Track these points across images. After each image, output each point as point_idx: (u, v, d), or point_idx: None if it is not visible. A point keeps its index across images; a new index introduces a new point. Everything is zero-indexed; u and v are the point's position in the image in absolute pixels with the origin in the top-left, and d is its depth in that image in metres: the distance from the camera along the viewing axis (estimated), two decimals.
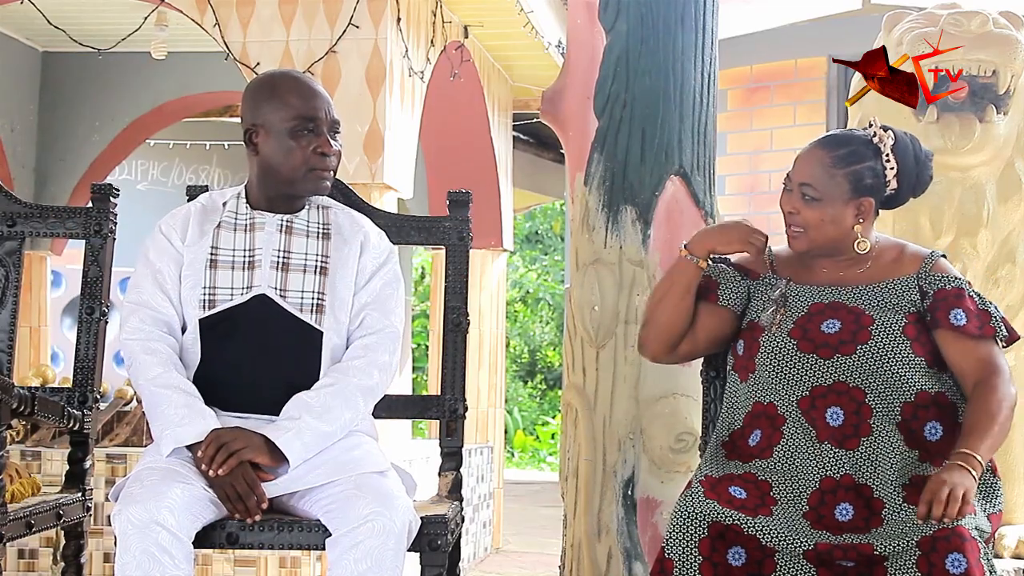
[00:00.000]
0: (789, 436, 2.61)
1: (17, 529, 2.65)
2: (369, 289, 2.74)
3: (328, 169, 2.72)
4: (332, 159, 2.72)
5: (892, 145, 2.70)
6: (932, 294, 2.67)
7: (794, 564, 2.45)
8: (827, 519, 2.50)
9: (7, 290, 3.13)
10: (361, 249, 2.76)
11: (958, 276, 2.71)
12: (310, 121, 2.69)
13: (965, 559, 2.34)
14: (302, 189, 2.72)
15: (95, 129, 7.69)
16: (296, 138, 2.68)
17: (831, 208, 2.69)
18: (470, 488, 6.50)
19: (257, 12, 5.54)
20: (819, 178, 2.69)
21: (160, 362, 2.63)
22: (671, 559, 2.47)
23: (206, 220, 2.74)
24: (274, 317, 2.65)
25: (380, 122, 5.37)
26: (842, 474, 2.55)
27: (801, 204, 2.71)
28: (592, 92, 3.41)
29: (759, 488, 2.56)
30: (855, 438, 2.57)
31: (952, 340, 2.64)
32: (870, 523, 2.48)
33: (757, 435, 2.66)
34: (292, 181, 2.71)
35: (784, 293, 2.73)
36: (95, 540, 4.71)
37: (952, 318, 2.64)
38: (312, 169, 2.69)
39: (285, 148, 2.68)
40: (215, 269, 2.68)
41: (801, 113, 6.47)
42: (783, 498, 2.54)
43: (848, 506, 2.51)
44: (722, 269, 2.83)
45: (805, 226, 2.71)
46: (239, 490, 2.49)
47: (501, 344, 7.65)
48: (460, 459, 3.03)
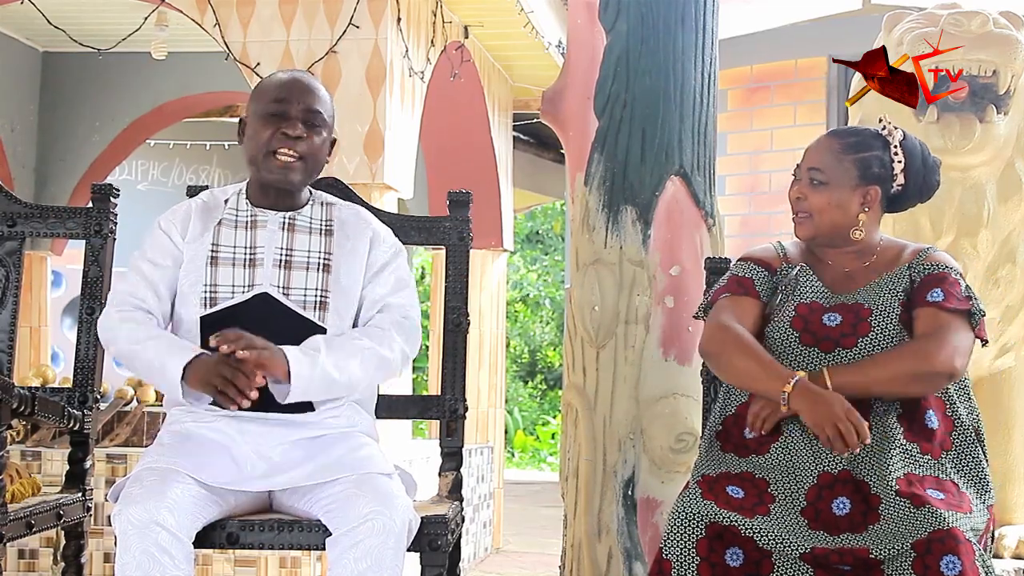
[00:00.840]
0: (787, 431, 2.61)
1: (17, 529, 2.65)
2: (382, 281, 2.73)
3: (288, 152, 2.66)
4: (296, 144, 2.66)
5: (901, 140, 2.73)
6: (920, 280, 2.68)
7: (791, 565, 2.45)
8: (824, 514, 2.51)
9: (7, 290, 3.13)
10: (371, 245, 2.75)
11: (950, 265, 2.71)
12: (279, 103, 2.67)
13: (960, 561, 2.35)
14: (266, 173, 2.68)
15: (95, 129, 7.69)
16: (264, 121, 2.67)
17: (837, 193, 2.70)
18: (470, 488, 6.50)
19: (257, 12, 5.54)
20: (827, 163, 2.71)
21: (137, 325, 2.63)
22: (669, 560, 2.47)
23: (208, 217, 2.73)
24: (276, 315, 2.65)
25: (380, 122, 5.36)
26: (840, 469, 2.55)
27: (809, 189, 2.73)
28: (592, 92, 3.41)
29: (756, 486, 2.56)
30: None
31: (924, 314, 2.64)
32: (867, 519, 2.48)
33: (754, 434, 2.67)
34: (256, 164, 2.69)
35: (798, 276, 2.74)
36: (95, 540, 4.71)
37: (930, 295, 2.65)
38: (273, 152, 2.66)
39: (253, 131, 2.69)
40: (216, 266, 2.67)
41: (801, 113, 6.47)
42: (781, 495, 2.55)
43: (845, 500, 2.52)
44: (750, 266, 2.81)
45: (811, 211, 2.73)
46: (228, 375, 2.48)
47: (501, 344, 7.65)
48: (460, 459, 3.03)
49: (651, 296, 3.35)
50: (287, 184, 2.69)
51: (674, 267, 3.36)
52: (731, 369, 2.66)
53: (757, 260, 2.82)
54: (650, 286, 3.35)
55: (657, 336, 3.34)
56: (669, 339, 3.34)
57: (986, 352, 4.03)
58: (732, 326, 2.69)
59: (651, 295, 3.35)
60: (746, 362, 2.63)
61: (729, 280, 2.80)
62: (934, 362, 2.56)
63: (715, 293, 2.80)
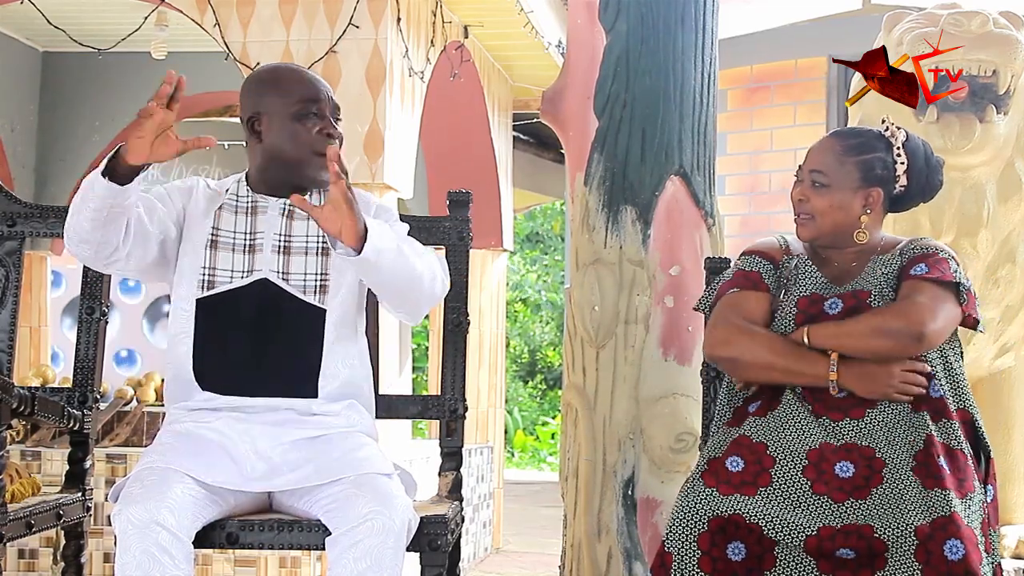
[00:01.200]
0: (785, 400, 2.64)
1: (17, 529, 2.66)
2: (395, 230, 2.68)
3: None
4: (337, 141, 2.70)
5: (904, 141, 2.73)
6: (908, 260, 2.70)
7: (794, 557, 2.46)
8: (827, 475, 2.52)
9: (7, 290, 3.13)
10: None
11: (940, 247, 2.71)
12: (313, 103, 2.69)
13: (963, 545, 2.36)
14: (310, 173, 2.69)
15: (95, 129, 7.69)
16: (301, 121, 2.68)
17: (840, 195, 2.71)
18: (470, 488, 6.50)
19: (257, 12, 5.54)
20: (830, 165, 2.72)
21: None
22: (670, 553, 2.48)
23: (211, 199, 2.74)
24: (276, 300, 2.65)
25: (380, 122, 5.36)
26: (842, 442, 2.57)
27: (811, 191, 2.73)
28: (592, 92, 3.41)
29: (754, 452, 2.56)
30: (860, 408, 2.61)
31: (906, 285, 2.65)
32: (871, 482, 2.50)
33: (757, 405, 2.70)
34: (299, 164, 2.69)
35: (797, 267, 2.74)
36: (95, 540, 4.71)
37: (914, 269, 2.66)
38: (319, 152, 2.67)
39: (290, 132, 2.68)
40: (215, 250, 2.68)
41: (801, 113, 6.47)
42: (781, 456, 2.55)
43: (849, 464, 2.53)
44: (756, 260, 2.80)
45: (813, 212, 2.73)
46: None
47: (501, 344, 7.64)
48: (460, 459, 3.03)
49: (651, 296, 3.35)
50: (326, 185, 2.65)
51: (674, 267, 3.36)
52: (760, 368, 2.66)
53: (762, 253, 2.81)
54: (650, 286, 3.35)
55: (657, 336, 3.34)
56: (669, 339, 3.34)
57: (986, 352, 4.04)
58: (746, 326, 2.69)
59: (651, 295, 3.35)
60: (775, 358, 2.64)
61: (736, 275, 2.79)
62: (907, 318, 2.57)
63: (721, 287, 2.79)
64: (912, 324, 2.57)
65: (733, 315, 2.71)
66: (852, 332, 2.60)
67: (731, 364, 2.71)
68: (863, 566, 2.43)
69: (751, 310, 2.72)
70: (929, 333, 2.58)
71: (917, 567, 2.38)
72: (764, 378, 2.67)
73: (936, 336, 2.60)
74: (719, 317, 2.74)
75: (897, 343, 2.58)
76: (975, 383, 3.97)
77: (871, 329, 2.59)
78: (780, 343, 2.65)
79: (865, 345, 2.59)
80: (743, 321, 2.69)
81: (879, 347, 2.59)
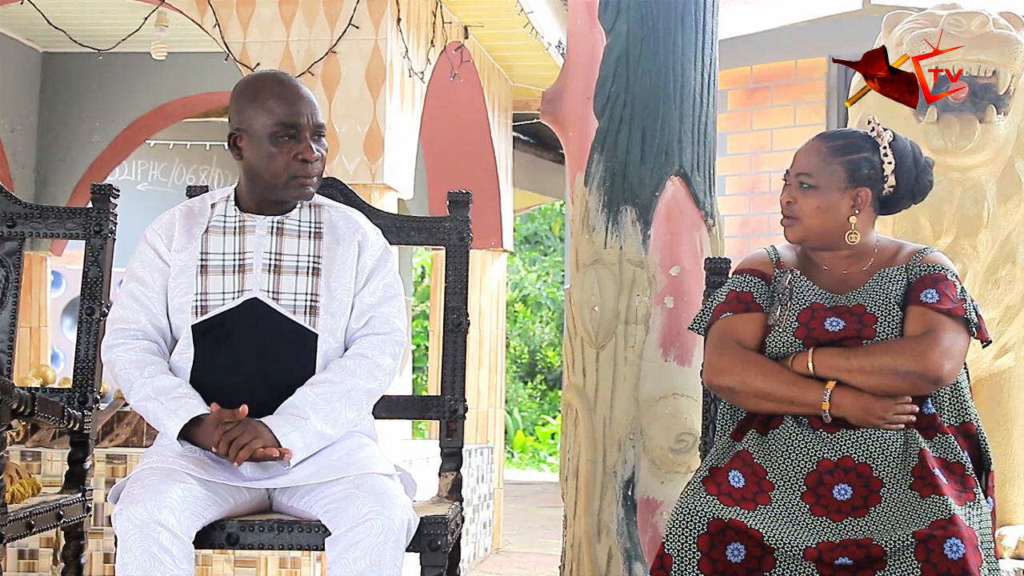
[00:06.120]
0: (786, 422, 2.63)
1: (17, 529, 2.66)
2: (371, 288, 2.73)
3: (310, 176, 2.67)
4: (315, 165, 2.68)
5: (890, 141, 2.72)
6: (916, 280, 2.68)
7: (793, 561, 2.46)
8: (825, 499, 2.52)
9: (7, 290, 3.13)
10: (359, 249, 2.73)
11: (947, 267, 2.70)
12: (291, 127, 2.65)
13: (963, 544, 2.36)
14: (285, 195, 2.69)
15: (95, 129, 7.69)
16: (277, 144, 2.65)
17: (827, 196, 2.70)
18: (470, 488, 6.50)
19: (257, 12, 5.54)
20: (816, 166, 2.71)
21: (133, 366, 2.64)
22: (670, 554, 2.49)
23: (193, 224, 2.72)
24: (267, 320, 2.64)
25: (380, 122, 5.37)
26: (840, 456, 2.57)
27: (798, 193, 2.72)
28: (592, 92, 3.41)
29: (755, 473, 2.57)
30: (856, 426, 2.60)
31: (916, 313, 2.63)
32: (868, 501, 2.50)
33: (758, 419, 2.70)
34: (274, 187, 2.68)
35: (791, 283, 2.73)
36: (95, 540, 4.72)
37: (923, 296, 2.64)
38: (294, 176, 2.66)
39: (266, 154, 2.66)
40: (205, 275, 2.67)
41: (801, 113, 6.47)
42: (780, 482, 2.56)
43: (847, 487, 2.54)
44: (748, 279, 2.79)
45: (800, 214, 2.72)
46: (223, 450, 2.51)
47: (501, 344, 7.65)
48: (460, 459, 3.03)
49: (651, 296, 3.35)
50: (307, 198, 2.72)
51: (674, 267, 3.36)
52: (756, 399, 2.65)
53: (752, 271, 2.80)
54: (650, 286, 3.35)
55: (657, 336, 3.34)
56: (669, 339, 3.34)
57: (986, 352, 4.04)
58: (743, 354, 2.68)
59: (651, 295, 3.35)
60: (771, 387, 2.63)
61: (728, 297, 2.77)
62: (924, 363, 2.56)
63: (716, 310, 2.77)
64: (930, 370, 2.56)
65: (729, 342, 2.71)
66: (864, 368, 2.57)
67: (729, 393, 2.71)
68: (862, 568, 2.43)
69: (746, 335, 2.71)
70: (946, 376, 2.58)
71: (916, 565, 2.38)
72: (761, 408, 2.67)
73: (951, 376, 2.59)
74: (716, 346, 2.74)
75: (912, 386, 2.58)
76: (975, 383, 3.97)
77: (885, 369, 2.56)
78: (776, 372, 2.64)
79: (877, 383, 2.57)
80: (740, 349, 2.69)
81: (892, 388, 2.58)
